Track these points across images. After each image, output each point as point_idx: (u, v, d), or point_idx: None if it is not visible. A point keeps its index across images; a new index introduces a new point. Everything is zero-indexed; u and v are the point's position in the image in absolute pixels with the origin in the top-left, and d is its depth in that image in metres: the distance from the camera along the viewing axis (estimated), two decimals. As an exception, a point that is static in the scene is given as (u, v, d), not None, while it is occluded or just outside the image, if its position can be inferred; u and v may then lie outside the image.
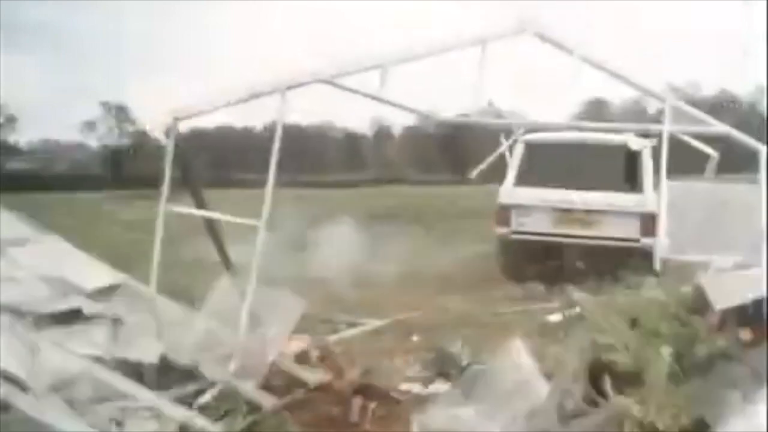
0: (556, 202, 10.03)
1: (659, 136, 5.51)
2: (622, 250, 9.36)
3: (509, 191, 10.28)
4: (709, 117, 5.31)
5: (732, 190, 5.80)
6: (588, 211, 9.97)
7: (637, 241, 9.49)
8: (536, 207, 10.13)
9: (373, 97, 5.36)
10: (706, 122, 5.26)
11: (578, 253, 9.94)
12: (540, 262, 10.24)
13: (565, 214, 10.07)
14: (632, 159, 9.95)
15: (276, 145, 5.09)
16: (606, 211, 9.91)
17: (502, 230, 10.36)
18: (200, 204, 5.86)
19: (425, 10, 78.94)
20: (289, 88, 5.07)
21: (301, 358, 5.19)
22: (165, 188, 5.42)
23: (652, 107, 61.66)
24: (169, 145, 5.36)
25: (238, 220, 5.22)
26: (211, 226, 6.01)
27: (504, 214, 10.28)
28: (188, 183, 5.86)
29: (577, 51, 5.44)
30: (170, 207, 5.45)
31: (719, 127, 5.36)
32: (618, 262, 8.45)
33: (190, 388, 4.73)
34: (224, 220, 5.62)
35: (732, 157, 7.96)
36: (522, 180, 10.22)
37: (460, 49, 5.52)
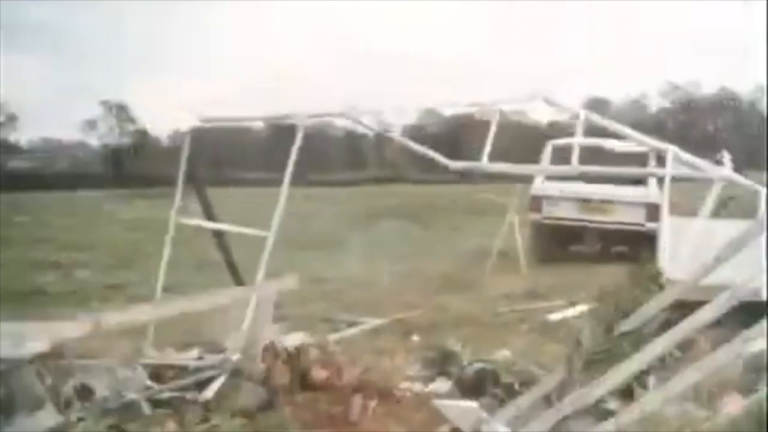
0: (577, 193, 12.04)
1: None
2: (630, 233, 11.54)
3: (540, 184, 12.27)
4: (707, 164, 5.64)
5: (732, 227, 5.89)
6: (603, 201, 12.14)
7: (643, 225, 11.32)
8: (562, 197, 12.18)
9: (393, 138, 5.54)
10: (702, 168, 5.54)
11: (596, 236, 12.47)
12: (564, 245, 12.80)
13: (585, 203, 12.23)
14: (639, 159, 11.27)
15: (289, 170, 5.31)
16: (618, 201, 12.09)
17: (534, 216, 12.46)
18: (205, 204, 5.89)
19: (425, 10, 79.18)
20: (311, 117, 5.45)
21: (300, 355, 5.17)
22: (177, 196, 5.52)
23: (653, 106, 61.79)
24: (185, 150, 5.46)
25: (248, 231, 5.37)
26: (217, 231, 6.03)
27: (536, 203, 12.39)
28: (194, 185, 5.90)
29: (582, 114, 5.82)
30: (180, 219, 5.52)
31: (719, 171, 5.66)
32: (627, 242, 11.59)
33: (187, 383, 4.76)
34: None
35: (732, 155, 8.03)
36: (550, 175, 12.21)
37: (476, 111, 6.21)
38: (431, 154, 5.65)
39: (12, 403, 4.05)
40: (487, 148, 5.47)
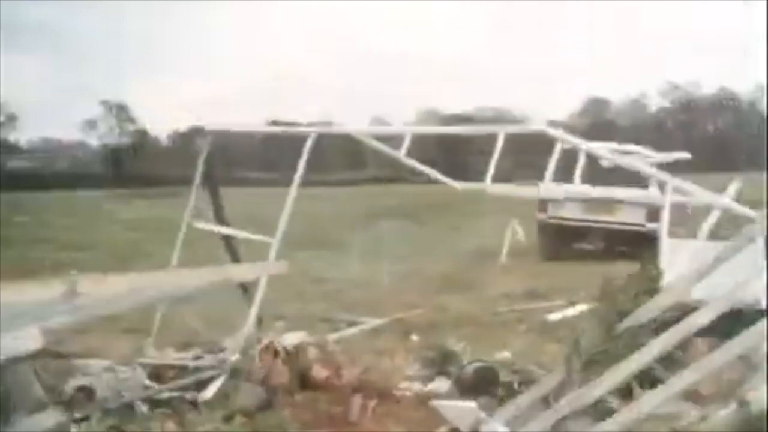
0: (582, 194, 12.25)
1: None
2: (632, 233, 12.11)
3: (547, 186, 12.21)
4: (706, 192, 5.74)
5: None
6: (606, 202, 12.77)
7: (643, 226, 11.87)
8: (567, 198, 12.44)
9: (397, 158, 5.87)
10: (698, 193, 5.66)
11: (599, 236, 13.12)
12: (568, 244, 13.41)
13: (589, 204, 12.88)
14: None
15: (296, 181, 5.57)
16: (620, 202, 12.77)
17: (541, 216, 13.22)
18: (217, 206, 6.02)
19: (425, 10, 79.23)
20: (319, 133, 5.76)
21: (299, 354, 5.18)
22: (191, 198, 5.62)
23: (653, 106, 61.75)
24: (203, 152, 5.76)
25: (256, 237, 5.64)
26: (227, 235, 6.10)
27: (542, 203, 12.96)
28: (208, 186, 6.02)
29: (583, 145, 6.35)
30: (193, 222, 5.62)
31: (718, 199, 5.77)
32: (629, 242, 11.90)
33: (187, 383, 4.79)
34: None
35: (728, 155, 8.08)
36: (556, 177, 12.09)
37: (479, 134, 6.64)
38: (438, 176, 5.90)
39: (9, 402, 4.06)
40: (491, 171, 5.64)
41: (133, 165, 45.89)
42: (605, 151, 6.53)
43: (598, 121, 55.25)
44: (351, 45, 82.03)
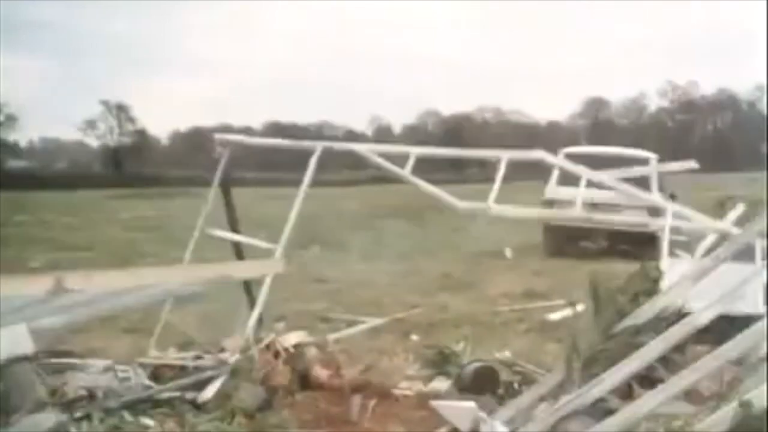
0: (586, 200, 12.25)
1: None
2: (634, 233, 12.47)
3: (553, 189, 13.05)
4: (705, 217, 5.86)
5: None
6: (610, 204, 12.43)
7: (647, 225, 11.63)
8: (572, 201, 12.34)
9: (403, 177, 6.11)
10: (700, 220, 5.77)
11: (603, 236, 13.74)
12: (574, 242, 13.94)
13: (593, 205, 12.27)
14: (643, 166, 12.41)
15: (303, 186, 5.84)
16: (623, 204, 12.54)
17: None
18: (230, 208, 6.19)
19: (425, 10, 79.29)
20: (325, 147, 5.94)
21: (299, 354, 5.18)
22: (208, 205, 5.97)
23: (652, 106, 61.78)
24: (220, 169, 6.02)
25: (260, 243, 5.78)
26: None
27: (548, 206, 13.10)
28: (222, 190, 6.18)
29: (584, 175, 6.52)
30: (206, 230, 5.93)
31: (718, 225, 5.88)
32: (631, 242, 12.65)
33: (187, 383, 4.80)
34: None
35: (728, 155, 8.12)
36: (562, 180, 12.61)
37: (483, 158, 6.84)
38: (441, 195, 5.98)
39: (9, 402, 4.06)
40: (494, 194, 5.71)
41: (133, 165, 45.90)
42: (605, 176, 6.64)
43: (597, 121, 55.32)
44: (351, 45, 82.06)
